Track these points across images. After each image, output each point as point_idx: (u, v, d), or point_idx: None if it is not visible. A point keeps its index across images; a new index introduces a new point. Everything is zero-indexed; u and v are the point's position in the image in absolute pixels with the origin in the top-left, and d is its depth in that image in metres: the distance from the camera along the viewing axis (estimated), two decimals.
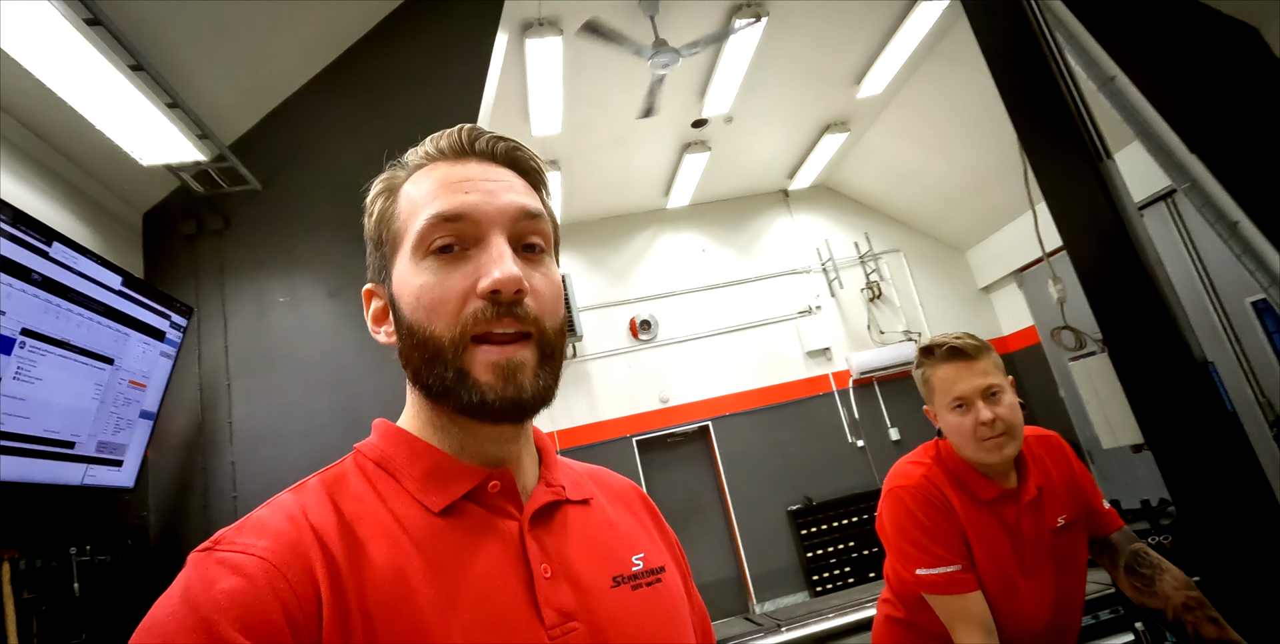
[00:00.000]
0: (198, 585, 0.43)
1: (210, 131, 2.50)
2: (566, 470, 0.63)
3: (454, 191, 0.53)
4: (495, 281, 0.49)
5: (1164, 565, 1.15)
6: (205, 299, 2.84)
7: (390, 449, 0.56)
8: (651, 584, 0.58)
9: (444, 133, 0.58)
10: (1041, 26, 1.91)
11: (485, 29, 3.21)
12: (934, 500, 1.13)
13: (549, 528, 0.56)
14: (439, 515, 0.51)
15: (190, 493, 2.66)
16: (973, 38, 4.84)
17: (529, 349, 0.51)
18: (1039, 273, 5.98)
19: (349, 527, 0.49)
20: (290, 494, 0.52)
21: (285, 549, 0.45)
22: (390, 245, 0.56)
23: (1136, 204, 1.69)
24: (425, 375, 0.52)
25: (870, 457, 6.05)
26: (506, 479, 0.54)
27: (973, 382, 1.13)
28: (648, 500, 0.70)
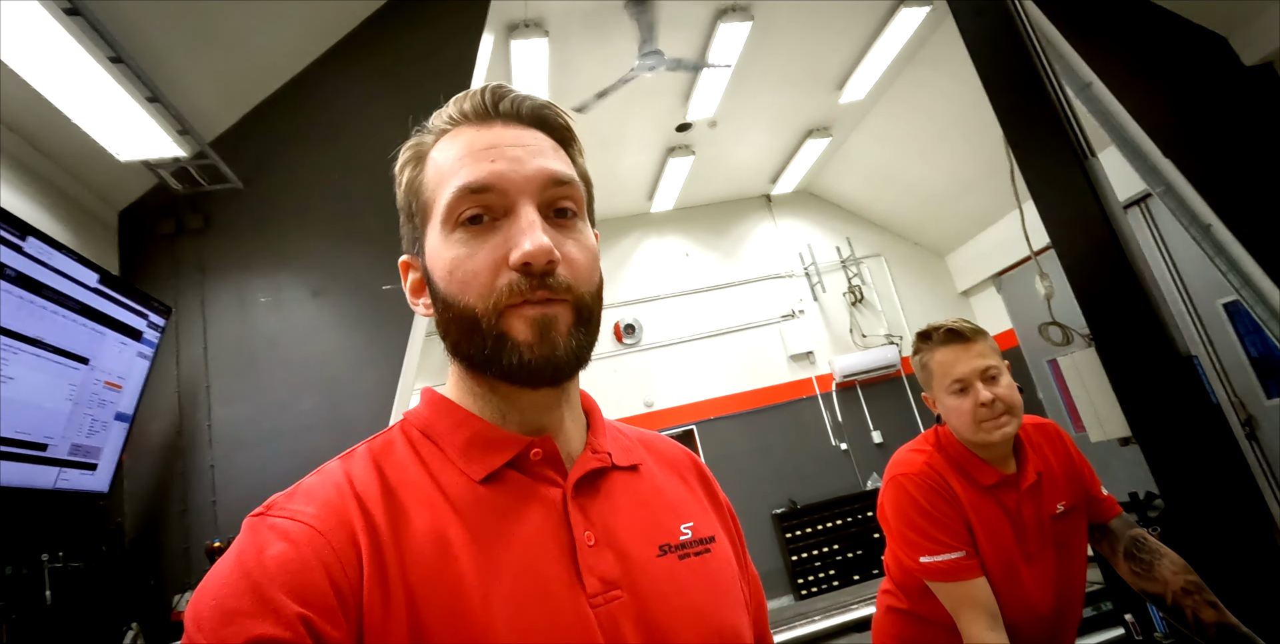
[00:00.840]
0: (249, 550, 0.44)
1: (191, 127, 2.45)
2: (615, 436, 0.62)
3: (480, 160, 0.52)
4: (525, 254, 0.48)
5: (1162, 550, 1.16)
6: (184, 299, 2.77)
7: (434, 418, 0.56)
8: (700, 554, 0.56)
9: (467, 93, 0.56)
10: (1026, 27, 1.93)
11: (471, 29, 3.19)
12: (937, 487, 1.13)
13: (593, 495, 0.55)
14: (481, 483, 0.51)
15: (168, 498, 2.58)
16: (952, 45, 4.95)
17: (564, 308, 0.51)
18: (1017, 277, 6.08)
19: (393, 494, 0.49)
20: (338, 461, 0.53)
21: (331, 516, 0.46)
22: (421, 216, 0.55)
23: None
24: (465, 346, 0.52)
25: (854, 459, 6.09)
26: (548, 446, 0.54)
27: (971, 363, 1.14)
28: (702, 468, 0.68)
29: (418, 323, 2.81)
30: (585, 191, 0.57)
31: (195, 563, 2.50)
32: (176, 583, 2.48)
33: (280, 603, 0.41)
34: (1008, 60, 1.99)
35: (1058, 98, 1.90)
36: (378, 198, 2.98)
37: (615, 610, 0.49)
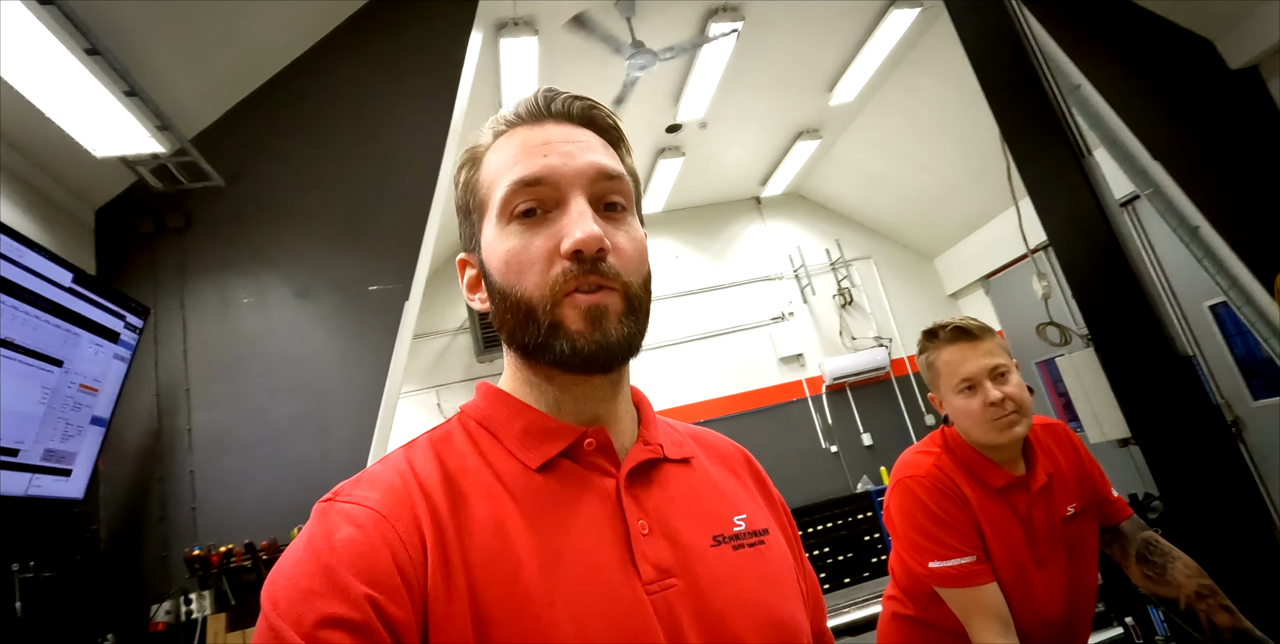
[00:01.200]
0: (320, 534, 0.47)
1: (171, 123, 2.39)
2: (666, 430, 0.63)
3: (533, 156, 0.54)
4: (577, 241, 0.50)
5: (1175, 553, 1.14)
6: (163, 300, 2.70)
7: (490, 409, 0.58)
8: (754, 545, 0.57)
9: (521, 99, 0.59)
10: (1023, 23, 1.92)
11: (460, 27, 3.15)
12: (946, 490, 1.09)
13: (647, 485, 0.56)
14: (537, 472, 0.53)
15: (146, 504, 2.50)
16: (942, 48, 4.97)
17: (615, 297, 0.52)
18: (1005, 279, 6.10)
19: (453, 481, 0.51)
20: (401, 450, 0.55)
21: (395, 502, 0.48)
22: (478, 212, 0.58)
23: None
24: (520, 335, 0.53)
25: (844, 462, 6.07)
26: (602, 437, 0.55)
27: (979, 362, 1.11)
28: (754, 464, 0.70)
29: (405, 325, 2.75)
30: (634, 187, 0.59)
31: (174, 571, 2.42)
32: (154, 592, 2.40)
33: (349, 584, 0.43)
34: (1004, 57, 1.97)
35: (1054, 94, 1.89)
36: (364, 197, 2.93)
37: (671, 598, 0.50)
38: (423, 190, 2.89)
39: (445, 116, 3.00)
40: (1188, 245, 3.67)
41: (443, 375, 5.85)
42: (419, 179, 2.91)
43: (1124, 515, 1.20)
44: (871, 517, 5.64)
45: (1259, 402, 4.48)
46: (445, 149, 2.96)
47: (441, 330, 5.92)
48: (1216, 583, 1.12)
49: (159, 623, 2.32)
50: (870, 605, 4.07)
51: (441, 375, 5.85)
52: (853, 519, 5.65)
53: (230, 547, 2.40)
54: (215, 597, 2.41)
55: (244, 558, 2.40)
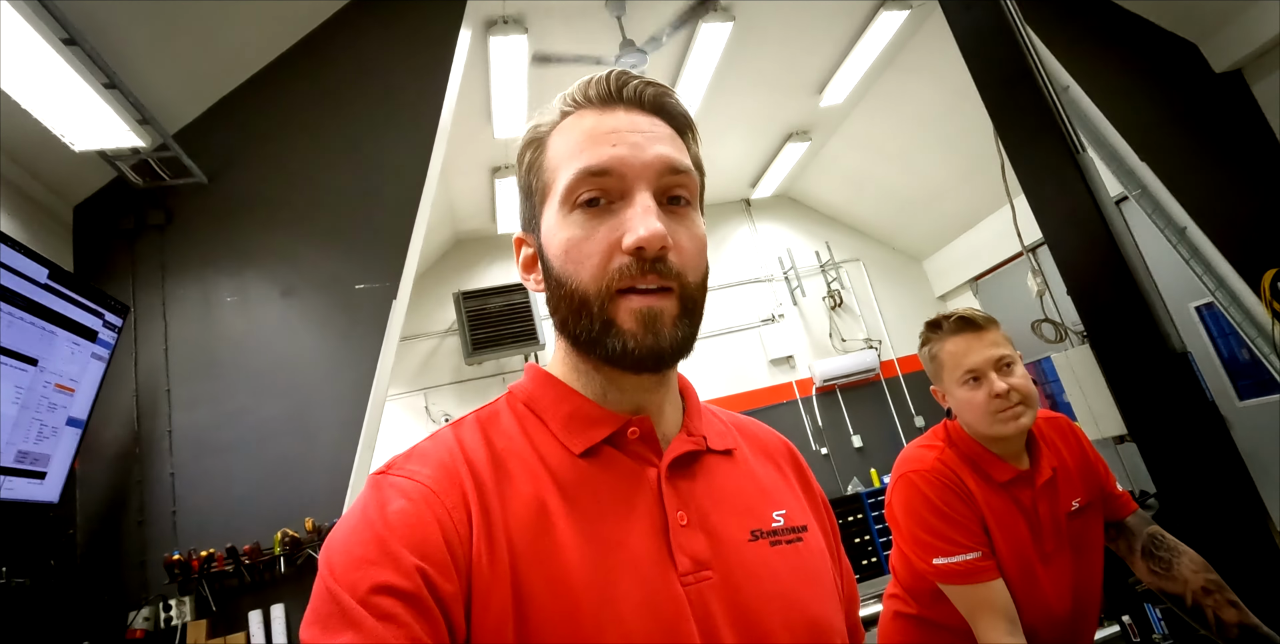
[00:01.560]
0: (374, 505, 0.48)
1: (152, 117, 2.33)
2: (711, 420, 0.63)
3: (601, 144, 0.53)
4: (640, 239, 0.50)
5: (1181, 548, 1.12)
6: (143, 298, 2.63)
7: (538, 392, 0.58)
8: (791, 542, 0.57)
9: (591, 79, 0.57)
10: (1017, 20, 1.91)
11: (448, 24, 3.12)
12: (950, 484, 1.07)
13: (688, 476, 0.56)
14: (580, 457, 0.53)
15: (124, 508, 2.44)
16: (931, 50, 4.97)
17: (671, 300, 0.52)
18: (994, 281, 6.13)
19: (499, 459, 0.52)
20: (449, 428, 0.56)
21: (444, 477, 0.50)
22: (539, 195, 0.57)
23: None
24: (572, 325, 0.53)
25: (834, 464, 6.06)
26: (645, 426, 0.55)
27: (984, 352, 1.08)
28: (797, 457, 0.70)
29: (393, 324, 2.70)
30: (700, 180, 0.58)
31: (153, 577, 2.35)
32: (132, 599, 2.33)
33: (401, 554, 0.44)
34: (997, 52, 1.97)
35: (1048, 89, 1.88)
36: (351, 194, 2.88)
37: (705, 590, 0.50)
38: (411, 188, 2.85)
39: (434, 114, 2.97)
40: (1175, 246, 3.70)
41: (431, 378, 5.79)
42: (407, 177, 2.87)
43: (1129, 510, 1.18)
44: (862, 518, 5.63)
45: (1245, 402, 4.52)
46: (434, 147, 2.92)
47: (430, 332, 5.85)
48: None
49: (137, 630, 2.25)
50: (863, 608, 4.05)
51: (430, 378, 5.78)
52: (843, 522, 5.64)
53: (211, 551, 2.34)
54: (196, 603, 2.34)
55: (226, 563, 2.33)
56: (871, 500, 5.62)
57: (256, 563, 2.36)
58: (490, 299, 5.38)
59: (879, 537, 5.41)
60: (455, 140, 4.16)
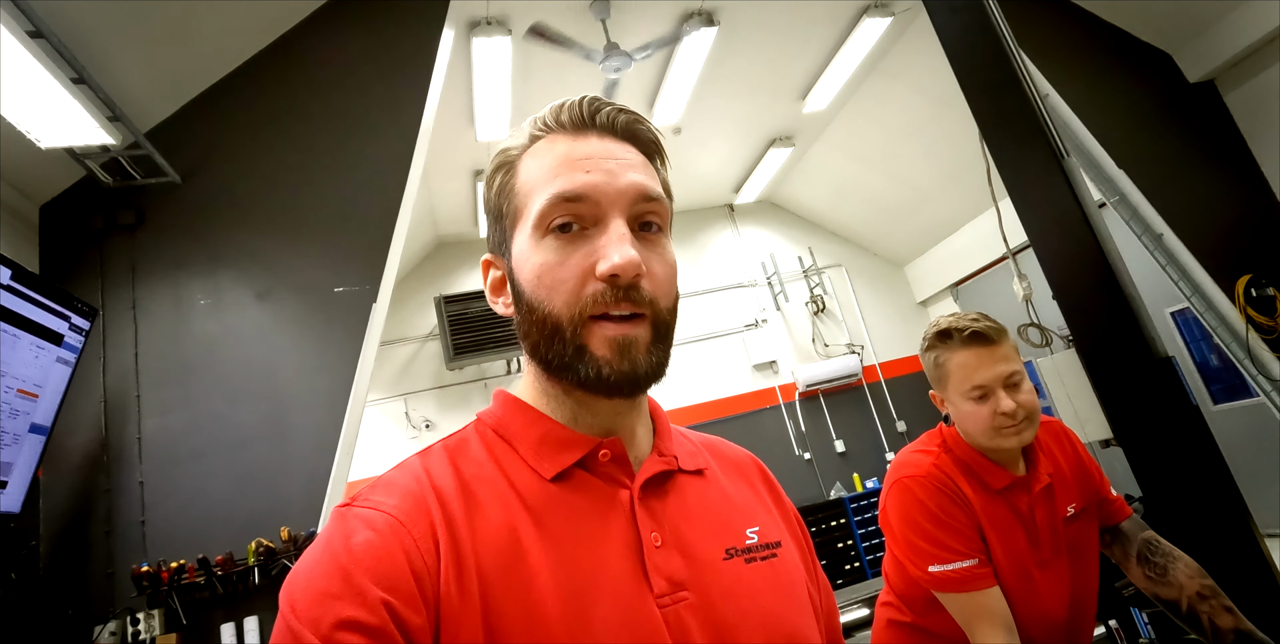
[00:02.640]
0: (338, 537, 0.47)
1: (122, 114, 2.27)
2: (681, 441, 0.63)
3: (575, 170, 0.53)
4: (615, 266, 0.50)
5: (1176, 553, 1.11)
6: (112, 300, 2.55)
7: (507, 417, 0.57)
8: (766, 558, 0.57)
9: (564, 104, 0.57)
10: (1002, 27, 1.92)
11: (431, 24, 3.08)
12: (947, 490, 1.05)
13: (660, 497, 0.56)
14: (551, 482, 0.52)
15: (91, 518, 2.35)
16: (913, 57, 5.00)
17: (644, 327, 0.52)
18: (974, 287, 6.19)
19: (468, 488, 0.51)
20: (416, 457, 0.55)
21: (411, 507, 0.49)
22: (510, 219, 0.57)
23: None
24: (544, 350, 0.53)
25: (817, 469, 6.07)
26: (617, 447, 0.55)
27: (995, 369, 1.06)
28: (767, 473, 0.69)
29: (373, 328, 2.65)
30: (669, 206, 0.58)
31: (120, 590, 2.27)
32: (98, 612, 2.25)
33: (366, 588, 0.43)
34: (983, 56, 1.97)
35: (1033, 94, 1.89)
36: (331, 196, 2.82)
37: (683, 611, 0.49)
38: (392, 190, 2.80)
39: (415, 115, 2.92)
40: (1152, 252, 3.75)
41: (411, 383, 5.70)
42: (389, 178, 2.82)
43: (1124, 515, 1.17)
44: (844, 523, 5.64)
45: (1218, 406, 4.59)
46: (415, 148, 2.87)
47: (410, 337, 5.78)
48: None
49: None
50: (845, 613, 4.04)
51: (410, 383, 5.70)
52: (826, 527, 5.64)
53: (182, 562, 2.26)
54: (165, 616, 2.26)
55: (197, 574, 2.26)
56: (854, 505, 5.63)
57: (229, 574, 2.29)
58: (472, 303, 5.32)
59: (861, 542, 5.41)
60: (437, 142, 4.11)
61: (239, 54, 2.88)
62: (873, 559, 5.38)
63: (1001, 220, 2.06)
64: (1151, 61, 4.07)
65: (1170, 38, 4.01)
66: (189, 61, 2.75)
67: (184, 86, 2.80)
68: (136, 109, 2.54)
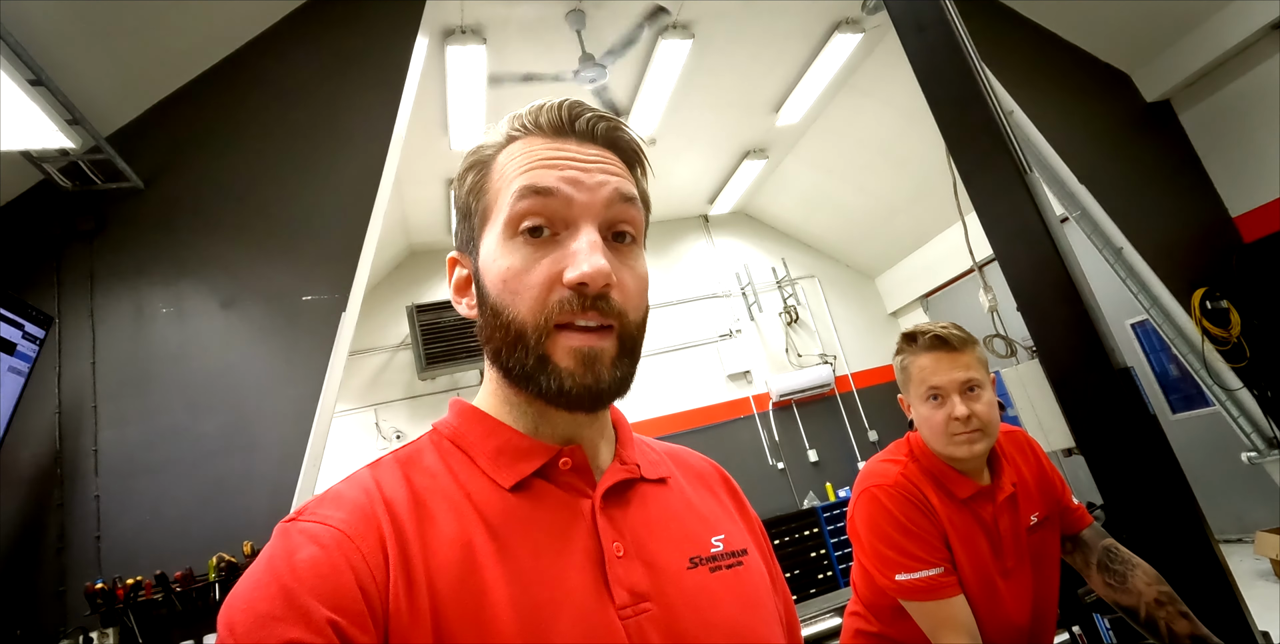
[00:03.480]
0: (280, 555, 0.44)
1: (82, 117, 2.22)
2: (643, 449, 0.62)
3: (548, 168, 0.52)
4: (584, 274, 0.48)
5: (1135, 561, 1.13)
6: (69, 309, 2.48)
7: (464, 427, 0.56)
8: (732, 567, 0.56)
9: (543, 106, 0.55)
10: (967, 45, 1.97)
11: (404, 32, 3.06)
12: (914, 500, 1.06)
13: (623, 506, 0.54)
14: (510, 491, 0.51)
15: (42, 533, 2.26)
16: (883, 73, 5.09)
17: (610, 340, 0.51)
18: (943, 298, 6.31)
19: (420, 500, 0.49)
20: (367, 469, 0.53)
21: (360, 521, 0.47)
22: (480, 217, 0.55)
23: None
24: (505, 357, 0.52)
25: (790, 478, 6.10)
26: (578, 456, 0.54)
27: (952, 374, 1.08)
28: (730, 481, 0.68)
29: (341, 338, 2.61)
30: (645, 214, 0.57)
31: (73, 607, 2.19)
32: (50, 631, 2.16)
33: (310, 607, 0.41)
34: (949, 73, 2.02)
35: (997, 111, 1.93)
36: (299, 203, 2.78)
37: (644, 622, 0.48)
38: (363, 198, 2.77)
39: (388, 123, 2.90)
40: (1113, 265, 3.86)
41: (382, 393, 5.62)
42: (359, 186, 2.79)
43: (1085, 523, 1.20)
44: (818, 532, 5.66)
45: (1177, 415, 4.72)
46: (387, 156, 2.85)
47: (381, 346, 5.70)
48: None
49: None
50: (817, 622, 4.03)
51: (380, 393, 5.61)
52: (799, 536, 5.66)
53: (139, 578, 2.19)
54: (120, 635, 2.18)
55: (155, 591, 2.19)
56: (827, 514, 5.66)
57: (189, 590, 2.22)
58: (445, 312, 5.27)
59: (834, 551, 5.44)
60: (410, 150, 4.08)
61: (207, 57, 2.84)
62: (845, 568, 5.40)
63: (968, 234, 2.11)
64: (1111, 81, 4.21)
65: (1128, 58, 4.15)
66: (154, 64, 2.70)
67: (149, 89, 2.74)
68: (98, 112, 2.48)
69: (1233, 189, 4.05)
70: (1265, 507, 4.00)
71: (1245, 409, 3.67)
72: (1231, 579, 1.32)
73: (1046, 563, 1.13)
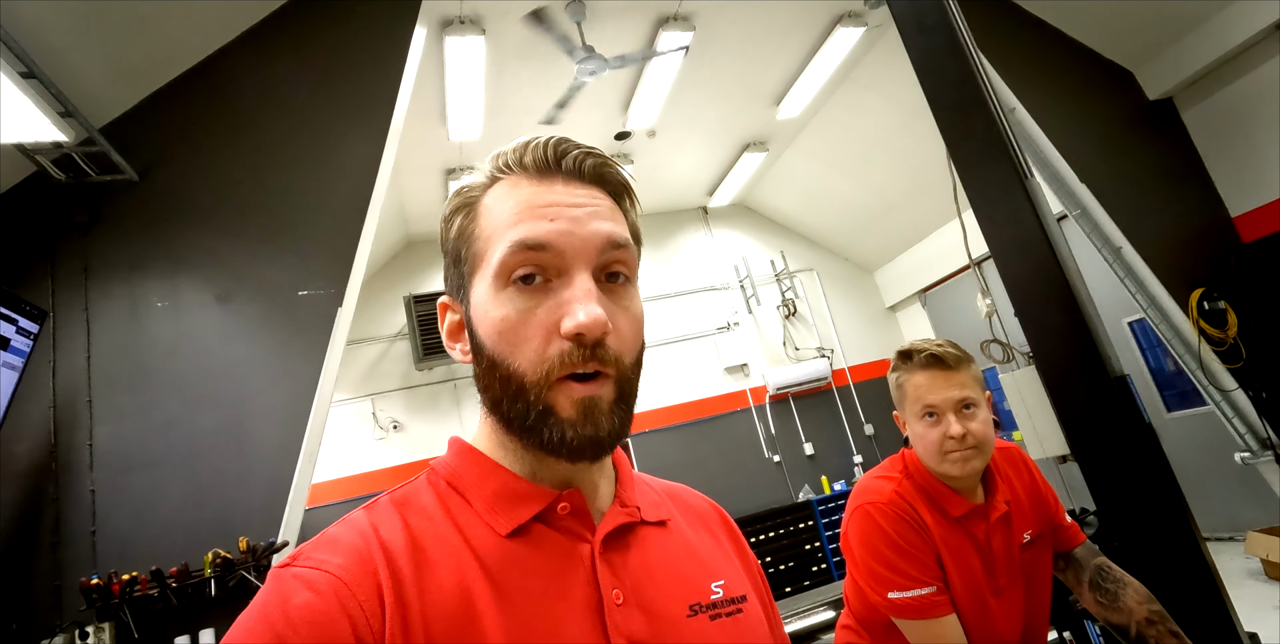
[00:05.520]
0: (274, 601, 0.44)
1: (75, 109, 2.19)
2: (643, 490, 0.61)
3: (540, 217, 0.51)
4: (580, 325, 0.48)
5: (1126, 579, 1.14)
6: (64, 303, 2.46)
7: (462, 468, 0.55)
8: (731, 614, 0.55)
9: (529, 144, 0.54)
10: (969, 46, 1.95)
11: (402, 23, 3.03)
12: (907, 517, 1.06)
13: (623, 551, 0.54)
14: (508, 537, 0.50)
15: (37, 528, 2.27)
16: (884, 67, 5.05)
17: (607, 386, 0.50)
18: (941, 293, 6.30)
19: (418, 545, 0.49)
20: (362, 512, 0.52)
21: (356, 567, 0.46)
22: (470, 264, 0.54)
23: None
24: (506, 407, 0.51)
25: (786, 471, 6.13)
26: (577, 500, 0.53)
27: (948, 393, 1.08)
28: (729, 522, 0.68)
29: (338, 332, 2.60)
30: (638, 249, 0.57)
31: (68, 602, 2.20)
32: (45, 626, 2.17)
33: None
34: (950, 76, 2.00)
35: (999, 114, 1.92)
36: (296, 197, 2.76)
37: None
38: (360, 191, 2.75)
39: (385, 115, 2.87)
40: (1111, 265, 3.85)
41: (379, 383, 5.62)
42: (356, 178, 2.77)
43: (1078, 541, 1.20)
44: (812, 526, 5.70)
45: (1172, 413, 4.74)
46: (385, 148, 2.83)
47: (378, 336, 5.69)
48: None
49: None
50: (811, 615, 4.08)
51: (378, 383, 5.62)
52: (794, 528, 5.69)
53: (134, 574, 2.20)
54: (116, 630, 2.19)
55: (150, 586, 2.19)
56: (822, 507, 5.70)
57: (184, 586, 2.23)
58: None
59: (829, 544, 5.48)
60: (408, 141, 4.05)
61: (202, 47, 2.80)
62: (839, 562, 5.45)
63: (966, 234, 2.10)
64: (1114, 78, 4.18)
65: (1132, 56, 4.12)
66: (148, 55, 2.67)
67: (143, 81, 2.71)
68: (91, 104, 2.46)
69: (1233, 189, 4.04)
70: (1257, 506, 4.03)
71: (1240, 410, 3.69)
72: (1221, 585, 1.33)
73: (1038, 581, 1.13)
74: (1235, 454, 3.76)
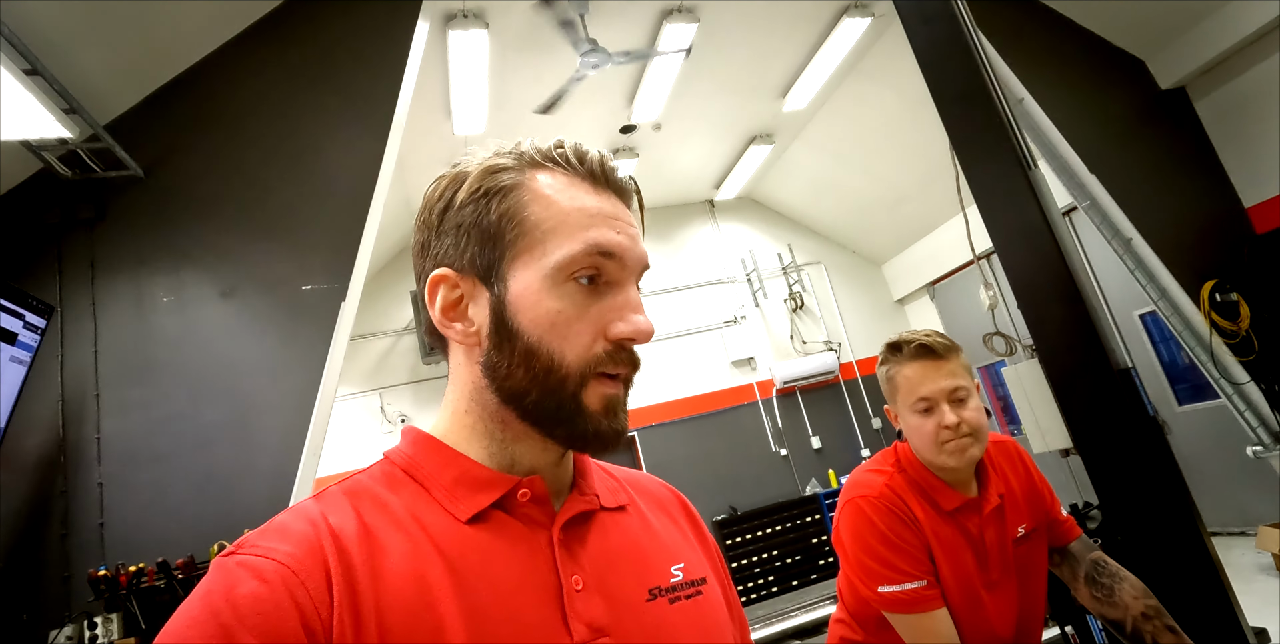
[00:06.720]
0: (219, 590, 0.43)
1: (80, 106, 2.20)
2: (602, 477, 0.62)
3: (611, 228, 0.53)
4: (637, 331, 0.51)
5: (1122, 574, 1.13)
6: (71, 298, 2.49)
7: (420, 456, 0.55)
8: (691, 597, 0.56)
9: (584, 150, 0.55)
10: (974, 37, 1.92)
11: (405, 17, 3.02)
12: (898, 511, 1.06)
13: (582, 537, 0.54)
14: (467, 524, 0.50)
15: (47, 520, 2.30)
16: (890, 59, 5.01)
17: (625, 388, 0.54)
18: (949, 286, 6.26)
19: (370, 533, 0.48)
20: (311, 500, 0.51)
21: (305, 555, 0.45)
22: (516, 249, 0.53)
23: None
24: (536, 396, 0.51)
25: (793, 465, 6.12)
26: (537, 487, 0.53)
27: (939, 383, 1.07)
28: (689, 507, 0.68)
29: (341, 327, 2.61)
30: None
31: (77, 593, 2.23)
32: (54, 617, 2.21)
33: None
34: (954, 68, 1.97)
35: (1003, 107, 1.89)
36: (299, 191, 2.77)
37: None
38: (363, 185, 2.76)
39: (389, 108, 2.87)
40: (1121, 257, 3.81)
41: (386, 377, 5.65)
42: (360, 173, 2.77)
43: (1073, 536, 1.19)
44: (819, 519, 5.70)
45: (1183, 406, 4.69)
46: (388, 142, 2.83)
47: (385, 330, 5.72)
48: (1152, 591, 1.13)
49: None
50: (818, 608, 4.09)
51: (385, 377, 5.65)
52: (800, 522, 5.70)
53: (141, 565, 2.22)
54: (124, 620, 2.22)
55: (157, 577, 2.22)
56: (829, 501, 5.69)
57: (190, 578, 2.25)
58: None
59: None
60: (412, 136, 4.05)
61: (206, 43, 2.81)
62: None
63: (970, 228, 2.08)
64: (1125, 67, 4.11)
65: (1144, 44, 4.05)
66: (152, 51, 2.68)
67: (147, 77, 2.72)
68: (96, 100, 2.47)
69: (1246, 179, 3.98)
70: (1268, 500, 3.98)
71: (1252, 403, 3.64)
72: (1226, 580, 1.32)
73: (1033, 575, 1.13)
74: (1247, 448, 3.72)
